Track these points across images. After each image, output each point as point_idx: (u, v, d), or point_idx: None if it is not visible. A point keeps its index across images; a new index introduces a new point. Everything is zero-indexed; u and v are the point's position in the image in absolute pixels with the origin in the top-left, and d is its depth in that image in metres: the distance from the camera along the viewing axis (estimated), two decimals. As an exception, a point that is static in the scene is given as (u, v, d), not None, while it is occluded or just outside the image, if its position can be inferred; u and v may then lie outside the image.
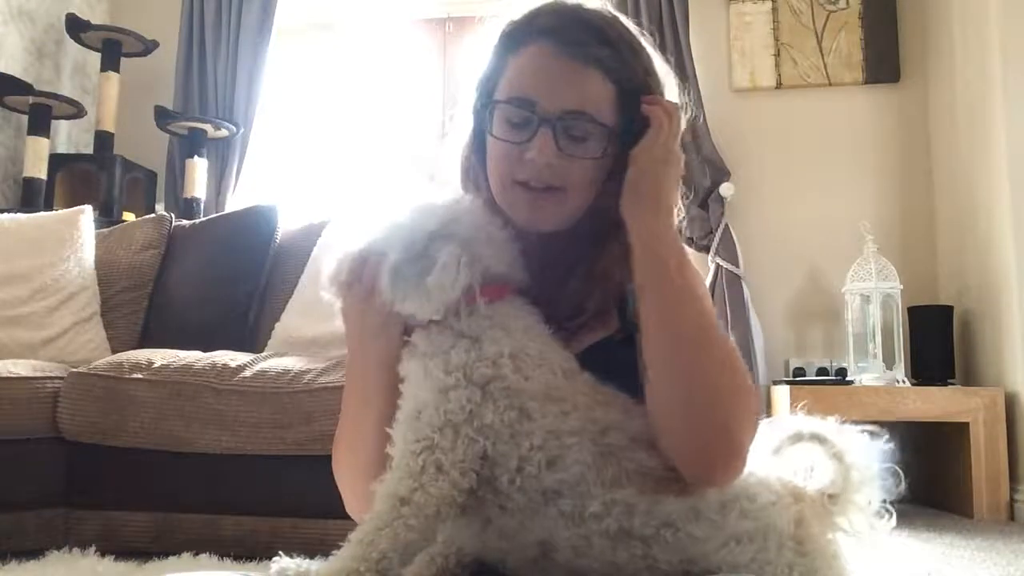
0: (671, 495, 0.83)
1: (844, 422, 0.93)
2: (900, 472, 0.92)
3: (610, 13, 0.99)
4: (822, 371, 3.25)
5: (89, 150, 3.78)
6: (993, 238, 2.90)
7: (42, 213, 2.92)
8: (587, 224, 0.98)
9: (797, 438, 0.92)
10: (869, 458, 0.91)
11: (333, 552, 0.82)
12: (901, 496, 0.92)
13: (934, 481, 2.96)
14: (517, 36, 0.97)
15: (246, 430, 2.00)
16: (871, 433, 0.92)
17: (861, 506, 0.90)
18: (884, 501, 0.91)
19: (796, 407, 0.98)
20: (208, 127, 3.63)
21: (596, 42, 0.93)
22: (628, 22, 1.00)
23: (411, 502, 0.81)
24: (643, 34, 1.01)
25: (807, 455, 0.92)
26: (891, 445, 0.92)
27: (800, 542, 0.83)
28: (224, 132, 3.67)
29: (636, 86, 0.95)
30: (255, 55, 3.77)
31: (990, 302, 2.94)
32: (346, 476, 1.00)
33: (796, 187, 3.52)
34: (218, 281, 2.70)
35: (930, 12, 3.45)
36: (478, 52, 1.02)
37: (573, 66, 0.93)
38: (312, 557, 1.75)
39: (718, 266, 3.35)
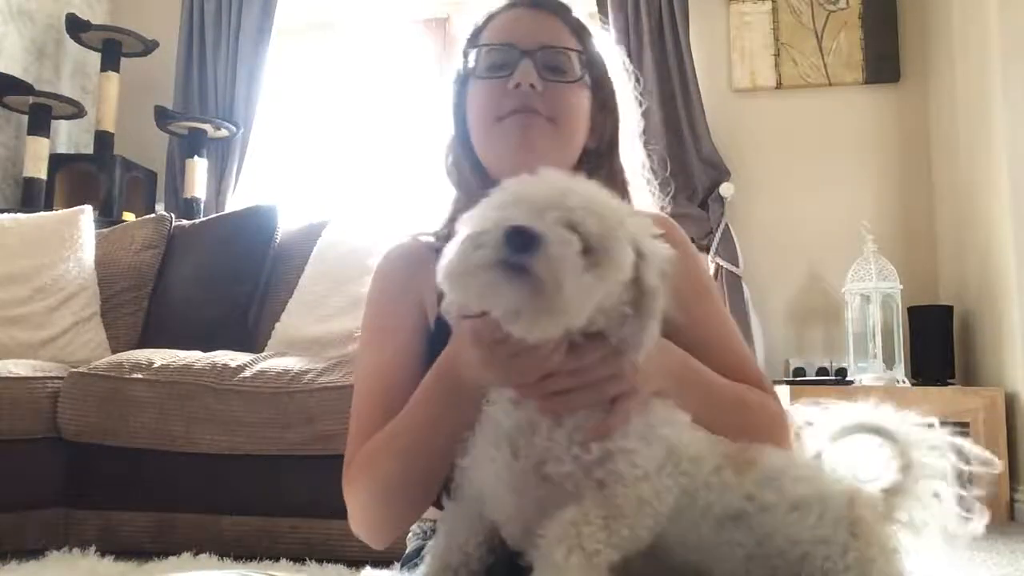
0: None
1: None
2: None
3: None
4: (822, 371, 3.25)
5: (89, 150, 3.78)
6: (993, 238, 2.90)
7: (42, 213, 2.92)
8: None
9: (857, 428, 0.86)
10: (933, 449, 0.85)
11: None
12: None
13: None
14: (491, 13, 1.06)
15: (246, 430, 2.01)
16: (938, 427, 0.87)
17: (922, 498, 0.84)
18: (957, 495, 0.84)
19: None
20: (208, 127, 3.63)
21: (562, 9, 1.04)
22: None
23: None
24: (597, 23, 1.10)
25: (862, 449, 0.86)
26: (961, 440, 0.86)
27: (853, 523, 0.78)
28: (224, 132, 3.67)
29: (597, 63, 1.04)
30: (255, 55, 3.77)
31: (990, 302, 2.93)
32: (362, 494, 0.93)
33: (796, 187, 3.52)
34: (218, 281, 2.70)
35: (930, 12, 3.45)
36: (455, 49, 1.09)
37: (545, 15, 1.03)
38: (312, 557, 1.74)
39: (718, 266, 3.35)
